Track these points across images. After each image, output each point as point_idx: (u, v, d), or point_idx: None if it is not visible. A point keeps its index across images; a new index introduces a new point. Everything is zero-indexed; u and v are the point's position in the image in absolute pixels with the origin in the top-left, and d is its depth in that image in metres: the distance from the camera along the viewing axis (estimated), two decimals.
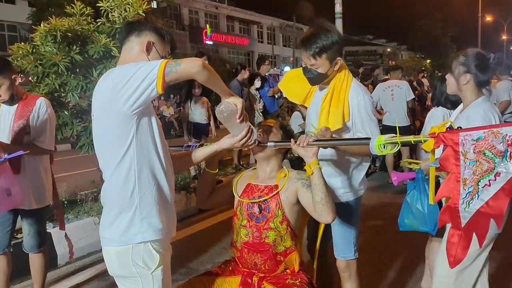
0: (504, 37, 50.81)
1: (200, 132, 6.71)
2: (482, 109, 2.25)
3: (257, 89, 7.74)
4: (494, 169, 1.55)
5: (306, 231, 2.57)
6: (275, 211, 2.16)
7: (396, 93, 6.81)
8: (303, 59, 2.35)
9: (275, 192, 2.18)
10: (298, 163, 2.43)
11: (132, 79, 1.69)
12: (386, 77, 9.79)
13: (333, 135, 2.20)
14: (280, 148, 2.25)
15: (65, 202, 4.84)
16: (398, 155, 7.30)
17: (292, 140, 2.10)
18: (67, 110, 4.70)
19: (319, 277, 2.44)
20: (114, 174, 1.81)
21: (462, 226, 1.62)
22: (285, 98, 9.15)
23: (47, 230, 4.06)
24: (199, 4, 36.21)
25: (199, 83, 6.59)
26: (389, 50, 61.13)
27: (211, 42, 35.21)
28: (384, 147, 1.79)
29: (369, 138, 1.86)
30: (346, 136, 2.35)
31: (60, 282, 3.69)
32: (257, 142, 2.12)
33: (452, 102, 3.15)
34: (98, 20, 4.81)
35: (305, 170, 2.13)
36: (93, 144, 4.61)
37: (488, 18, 45.24)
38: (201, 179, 2.47)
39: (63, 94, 4.46)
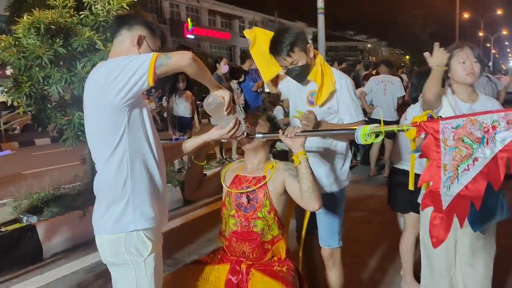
0: (480, 34, 51.83)
1: (184, 126, 6.73)
2: None
3: (239, 83, 7.76)
4: (473, 154, 1.64)
5: (295, 223, 2.65)
6: (263, 201, 2.22)
7: (388, 88, 6.89)
8: (281, 65, 2.44)
9: (263, 183, 2.24)
10: (281, 157, 2.49)
11: (123, 72, 1.72)
12: (366, 72, 9.95)
13: (317, 117, 2.28)
14: (268, 140, 2.31)
15: (49, 195, 4.82)
16: (381, 150, 7.43)
17: (280, 131, 2.16)
18: (50, 104, 4.66)
19: (304, 265, 2.51)
20: (107, 164, 1.84)
21: (444, 209, 1.71)
22: (267, 92, 9.24)
23: (32, 223, 4.08)
24: None
25: (183, 77, 6.62)
26: (369, 46, 61.67)
27: (192, 36, 34.97)
28: (368, 136, 1.86)
29: (354, 128, 1.93)
30: (331, 119, 2.44)
31: (46, 274, 3.69)
32: (245, 133, 2.17)
33: None
34: (81, 12, 4.78)
35: (292, 161, 2.19)
36: (77, 137, 4.64)
37: (466, 15, 46.06)
38: (189, 171, 2.51)
39: (46, 87, 4.42)
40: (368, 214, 5.11)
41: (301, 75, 2.43)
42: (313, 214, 2.52)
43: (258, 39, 2.68)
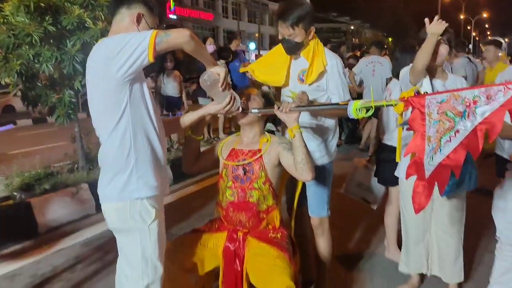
0: (462, 17, 52.31)
1: (173, 106, 6.78)
2: None
3: (227, 63, 7.81)
4: (455, 127, 1.78)
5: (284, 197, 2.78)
6: (259, 172, 2.34)
7: (377, 69, 7.02)
8: (281, 31, 2.53)
9: (258, 156, 2.36)
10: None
11: (124, 49, 1.81)
12: (352, 53, 10.09)
13: (309, 96, 2.41)
14: (263, 115, 2.42)
15: (41, 174, 4.87)
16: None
17: (275, 106, 2.27)
18: (40, 82, 4.68)
19: (296, 233, 2.66)
20: (111, 137, 1.94)
21: (426, 177, 1.85)
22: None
23: (27, 200, 4.15)
24: None
25: (171, 57, 6.65)
26: (352, 28, 61.69)
27: (175, 17, 34.44)
28: (359, 111, 2.00)
29: (346, 103, 2.06)
30: (320, 96, 2.57)
31: (41, 248, 3.78)
32: (240, 109, 2.28)
33: None
34: None
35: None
36: (68, 116, 4.67)
37: None
38: (186, 146, 2.61)
39: (36, 65, 4.43)
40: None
41: (291, 49, 2.55)
42: (303, 188, 2.66)
43: (254, 67, 2.82)
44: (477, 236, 3.73)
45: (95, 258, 3.58)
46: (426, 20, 2.48)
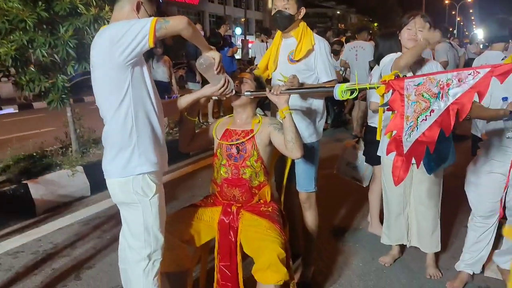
0: (446, 1, 52.61)
1: (162, 91, 6.88)
2: None
3: (217, 49, 7.92)
4: (430, 107, 1.97)
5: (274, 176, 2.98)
6: (251, 151, 2.52)
7: (359, 54, 7.19)
8: (275, 3, 2.76)
9: (251, 135, 2.53)
10: None
11: (126, 34, 1.96)
12: (337, 39, 10.24)
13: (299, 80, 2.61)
14: (255, 97, 2.59)
15: (36, 157, 4.99)
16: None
17: (267, 89, 2.44)
18: (33, 67, 4.76)
19: (285, 207, 2.86)
20: (114, 117, 2.09)
21: (404, 153, 2.05)
22: (238, 59, 9.44)
23: (24, 182, 4.28)
24: None
25: (160, 43, 6.75)
26: (338, 12, 61.63)
27: (160, 0, 34.11)
28: (344, 93, 2.18)
29: (333, 86, 2.24)
30: (309, 76, 2.78)
31: (41, 227, 3.93)
32: (234, 91, 2.45)
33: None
34: None
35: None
36: (61, 100, 4.77)
37: None
38: (182, 127, 2.77)
39: (30, 50, 4.52)
40: (334, 174, 5.51)
41: (284, 21, 2.75)
42: (291, 166, 2.85)
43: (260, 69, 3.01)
44: (454, 213, 3.98)
45: (93, 236, 3.74)
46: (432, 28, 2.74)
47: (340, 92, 2.18)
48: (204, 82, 7.50)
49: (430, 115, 1.99)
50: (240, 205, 2.56)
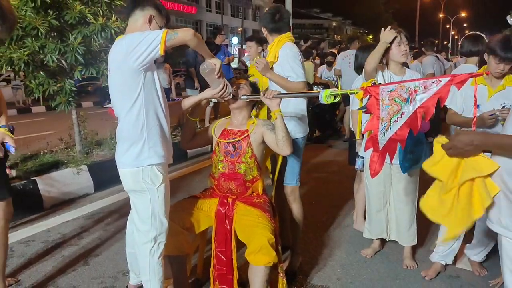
0: (441, 16, 53.37)
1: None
2: None
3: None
4: (401, 110, 2.29)
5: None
6: (246, 149, 2.83)
7: (352, 62, 7.54)
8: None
9: (246, 135, 2.84)
10: None
11: (140, 44, 2.28)
12: (332, 50, 10.61)
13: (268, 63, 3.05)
14: (250, 100, 2.91)
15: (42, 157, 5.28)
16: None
17: (261, 93, 2.76)
18: (43, 71, 5.06)
19: (276, 200, 3.18)
20: (128, 115, 2.40)
21: (380, 149, 2.37)
22: (234, 68, 9.77)
23: (33, 178, 4.56)
24: None
25: None
26: (334, 24, 62.39)
27: (168, 14, 34.44)
28: (328, 98, 2.50)
29: (318, 92, 2.56)
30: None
31: (49, 220, 4.23)
32: (231, 95, 2.76)
33: None
34: None
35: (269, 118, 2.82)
36: (68, 103, 5.06)
37: None
38: (184, 126, 3.08)
39: (41, 56, 4.83)
40: (329, 175, 5.85)
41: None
42: (283, 164, 3.17)
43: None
44: None
45: (98, 228, 4.04)
46: (382, 29, 3.02)
47: (325, 96, 2.51)
48: (203, 88, 7.83)
49: (401, 117, 2.31)
50: (235, 197, 2.86)
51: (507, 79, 2.89)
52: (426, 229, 3.90)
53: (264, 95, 2.74)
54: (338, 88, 2.62)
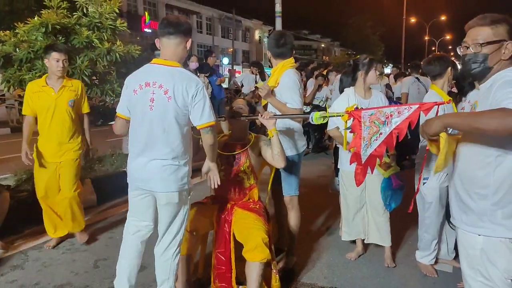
0: (426, 38, 54.70)
1: None
2: None
3: (205, 77, 8.76)
4: (379, 131, 2.68)
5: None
6: (245, 160, 3.21)
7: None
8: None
9: (245, 148, 3.23)
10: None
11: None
12: (319, 71, 11.09)
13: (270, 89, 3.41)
14: (248, 120, 3.30)
15: None
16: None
17: (259, 114, 3.16)
18: None
19: (275, 210, 3.60)
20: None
21: (362, 163, 2.76)
22: (225, 88, 10.18)
23: None
24: None
25: None
26: (323, 45, 63.56)
27: (150, 30, 35.03)
28: (318, 119, 2.91)
29: (309, 113, 2.99)
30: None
31: None
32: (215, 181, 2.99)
33: None
34: (74, 13, 5.56)
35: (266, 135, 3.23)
36: None
37: (413, 20, 48.56)
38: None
39: None
40: (314, 188, 6.25)
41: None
42: (276, 174, 3.55)
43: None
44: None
45: (105, 236, 4.39)
46: None
47: (315, 118, 2.93)
48: None
49: (380, 136, 2.70)
50: (234, 202, 3.24)
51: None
52: (405, 232, 4.30)
53: (261, 116, 3.14)
54: (326, 110, 3.05)
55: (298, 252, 3.95)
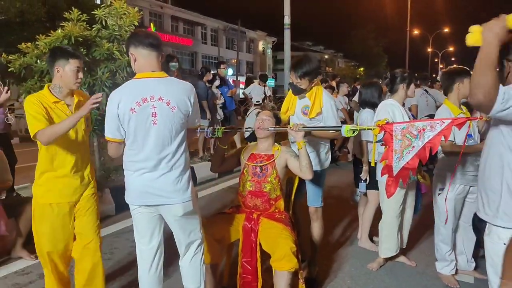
0: (429, 50, 54.90)
1: None
2: None
3: (217, 87, 8.92)
4: (411, 144, 2.75)
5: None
6: (271, 171, 3.27)
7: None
8: (291, 77, 3.52)
9: (272, 160, 3.29)
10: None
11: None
12: (327, 83, 11.19)
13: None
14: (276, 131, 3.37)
15: None
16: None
17: (288, 126, 3.23)
18: None
19: (296, 220, 3.62)
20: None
21: (394, 175, 2.83)
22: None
23: None
24: (143, 3, 35.56)
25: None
26: (326, 57, 63.78)
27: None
28: (349, 132, 2.99)
29: (340, 126, 3.07)
30: (318, 123, 3.55)
31: None
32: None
33: (373, 104, 4.44)
34: (93, 26, 5.67)
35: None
36: (93, 131, 5.50)
37: (416, 32, 48.76)
38: (215, 153, 3.53)
39: None
40: (331, 198, 6.29)
41: (296, 92, 3.56)
42: (300, 187, 3.60)
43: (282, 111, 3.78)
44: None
45: (126, 246, 4.43)
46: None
47: (346, 131, 3.00)
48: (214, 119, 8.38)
49: (412, 149, 2.77)
50: (260, 212, 3.29)
51: None
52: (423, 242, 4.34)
53: (291, 128, 3.21)
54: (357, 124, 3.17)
55: (319, 262, 4.00)
